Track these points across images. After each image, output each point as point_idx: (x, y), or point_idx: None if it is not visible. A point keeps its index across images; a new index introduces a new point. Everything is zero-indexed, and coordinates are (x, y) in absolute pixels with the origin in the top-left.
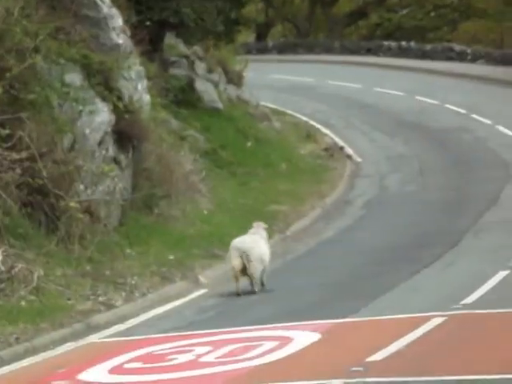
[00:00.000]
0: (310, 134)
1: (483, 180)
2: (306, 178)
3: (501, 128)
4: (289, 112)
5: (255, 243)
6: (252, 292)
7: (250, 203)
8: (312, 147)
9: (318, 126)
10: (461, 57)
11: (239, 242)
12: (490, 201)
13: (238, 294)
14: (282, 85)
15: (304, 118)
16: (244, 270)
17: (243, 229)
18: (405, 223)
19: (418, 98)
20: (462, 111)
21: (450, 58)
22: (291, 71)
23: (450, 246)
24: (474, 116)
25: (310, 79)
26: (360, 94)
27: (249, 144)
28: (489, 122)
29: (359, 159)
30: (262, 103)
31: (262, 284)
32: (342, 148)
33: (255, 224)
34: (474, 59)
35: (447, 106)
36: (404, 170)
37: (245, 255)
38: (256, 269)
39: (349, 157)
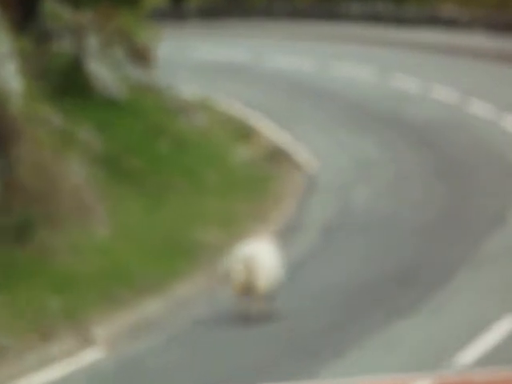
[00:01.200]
0: (247, 133)
1: (484, 194)
2: (242, 194)
3: (509, 122)
4: (218, 102)
5: (263, 248)
6: (250, 317)
7: (165, 229)
8: (250, 151)
9: (259, 121)
10: (452, 24)
11: (244, 249)
12: (494, 222)
13: (245, 319)
14: (209, 64)
15: (239, 111)
16: (249, 285)
17: (155, 264)
18: (377, 254)
19: (395, 83)
20: (455, 100)
21: (436, 27)
22: (221, 45)
23: (439, 284)
24: (472, 106)
25: (246, 56)
26: (316, 76)
27: (163, 147)
28: (492, 114)
29: (315, 167)
30: (182, 90)
31: (265, 314)
32: (290, 152)
33: (262, 237)
34: (470, 28)
35: (434, 93)
36: (376, 182)
37: (250, 267)
38: (264, 283)
39: (300, 164)
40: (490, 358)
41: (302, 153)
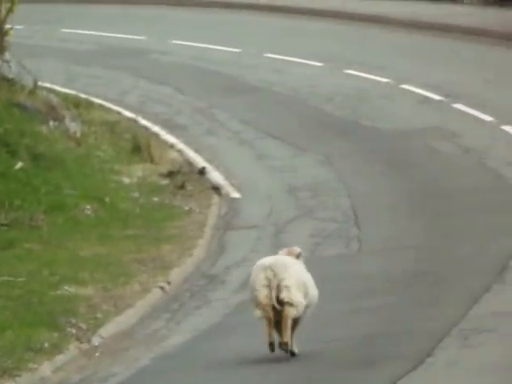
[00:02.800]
0: (140, 145)
1: (477, 232)
2: (131, 233)
3: (510, 129)
4: (98, 102)
5: (292, 264)
6: (287, 352)
7: (20, 284)
8: (144, 170)
9: (156, 128)
10: None
11: (268, 259)
12: (491, 273)
13: (271, 349)
14: (85, 48)
15: (128, 114)
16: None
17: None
18: (325, 320)
19: (350, 73)
20: (435, 97)
21: None
22: (101, 21)
23: (416, 362)
24: (458, 106)
25: (138, 36)
26: (236, 64)
27: (18, 166)
28: (487, 117)
29: (236, 193)
30: (46, 85)
31: (292, 352)
32: (202, 171)
33: (285, 251)
34: None
35: (405, 86)
36: (322, 214)
37: (277, 279)
38: (298, 302)
39: (216, 188)
40: None
41: (217, 173)
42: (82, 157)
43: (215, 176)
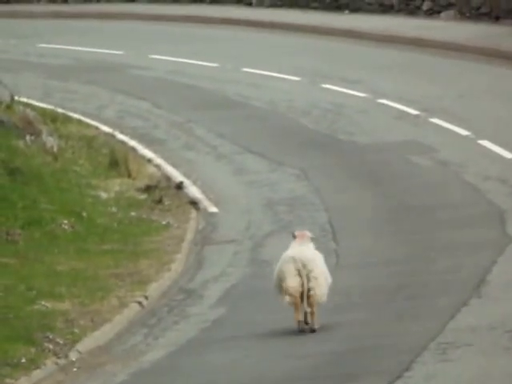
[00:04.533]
0: (117, 160)
1: (454, 246)
2: (109, 248)
3: (487, 144)
4: (75, 116)
5: (317, 256)
6: (309, 329)
7: None
8: (122, 185)
9: (133, 142)
10: (404, 7)
11: (296, 251)
12: (469, 288)
13: (301, 330)
14: (62, 62)
15: (105, 128)
16: (306, 293)
17: None
18: (302, 335)
19: (327, 87)
20: (411, 111)
21: (383, 10)
22: (79, 36)
23: (394, 376)
24: (434, 121)
25: (116, 51)
26: (213, 78)
27: None
28: (464, 132)
29: (214, 208)
30: (22, 99)
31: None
32: (180, 186)
33: (298, 233)
34: (434, 12)
35: (382, 101)
36: (299, 228)
37: (306, 270)
38: (322, 291)
39: (194, 203)
40: None
41: (195, 187)
42: (59, 171)
43: (193, 190)
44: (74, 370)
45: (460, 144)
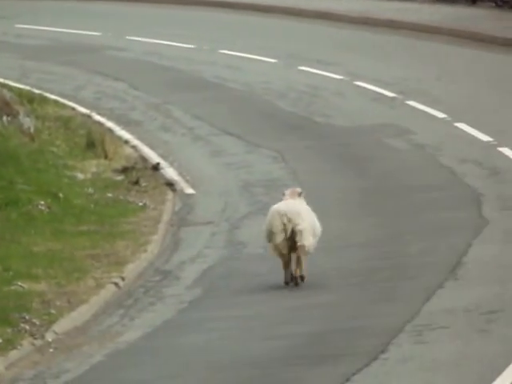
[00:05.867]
0: (94, 141)
1: (430, 228)
2: (85, 229)
3: (464, 127)
4: (52, 97)
5: (303, 208)
6: (297, 279)
7: None
8: (99, 166)
9: (110, 123)
10: None
11: (282, 205)
12: (444, 270)
13: (286, 283)
14: (40, 43)
15: (82, 109)
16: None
17: None
18: (277, 317)
19: (303, 69)
20: (388, 94)
21: None
22: (56, 17)
23: (370, 358)
24: (411, 103)
25: (93, 32)
26: (190, 60)
27: None
28: (442, 115)
29: (191, 189)
30: None
31: (303, 278)
32: (156, 167)
33: (288, 191)
34: None
35: (358, 83)
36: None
37: (292, 223)
38: (309, 242)
39: (171, 184)
40: None
41: (172, 169)
42: (36, 152)
43: (170, 172)
44: (51, 350)
45: (436, 127)
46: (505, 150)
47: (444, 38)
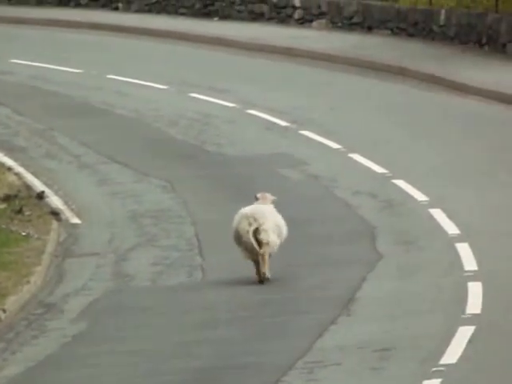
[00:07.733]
0: None
1: (325, 262)
2: None
3: (358, 158)
4: None
5: (268, 209)
6: (262, 279)
7: None
8: None
9: None
10: (275, 16)
11: (248, 208)
12: (337, 305)
13: (260, 281)
14: None
15: None
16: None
17: None
18: (167, 351)
19: (195, 96)
20: (281, 123)
21: (253, 18)
22: None
23: None
24: (305, 133)
25: None
26: (77, 85)
27: None
28: (336, 145)
29: (76, 219)
30: None
31: (267, 278)
32: (41, 196)
33: (260, 195)
34: (305, 21)
35: (251, 111)
36: (165, 241)
37: (257, 223)
38: (273, 242)
39: (56, 214)
40: None
41: (57, 197)
42: None
43: (54, 201)
44: None
45: (331, 157)
46: (399, 183)
47: (340, 67)
